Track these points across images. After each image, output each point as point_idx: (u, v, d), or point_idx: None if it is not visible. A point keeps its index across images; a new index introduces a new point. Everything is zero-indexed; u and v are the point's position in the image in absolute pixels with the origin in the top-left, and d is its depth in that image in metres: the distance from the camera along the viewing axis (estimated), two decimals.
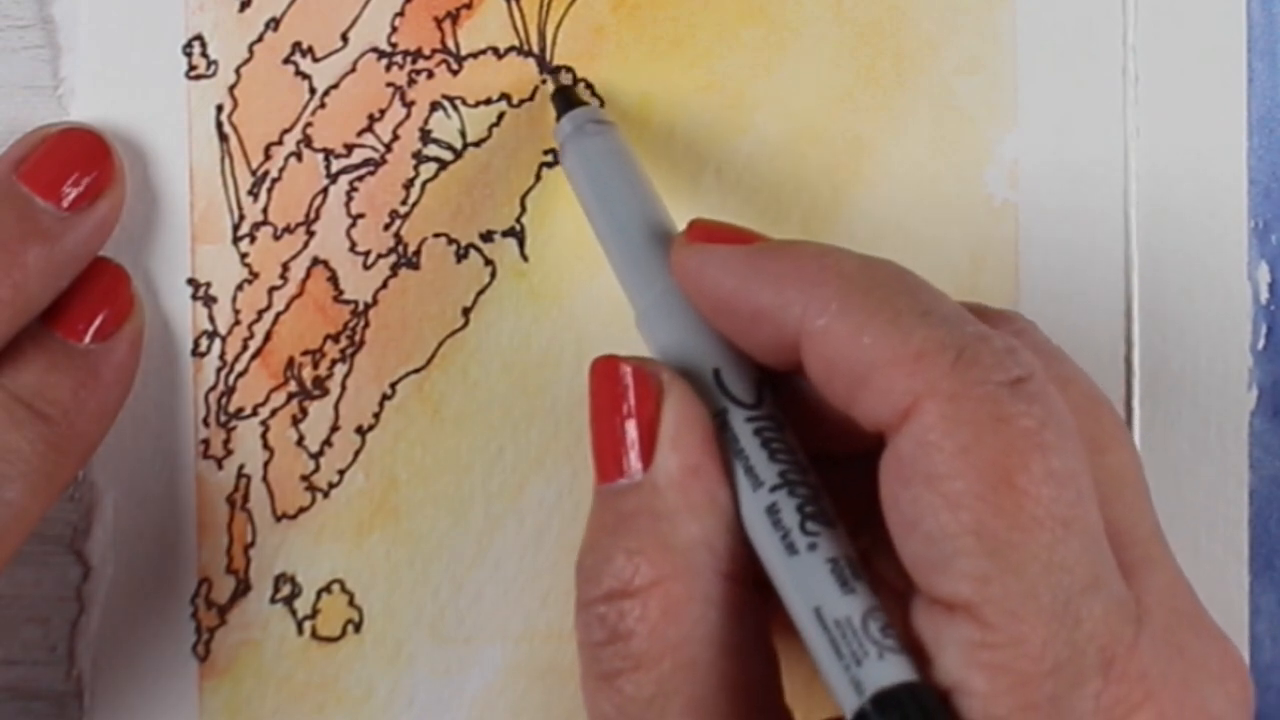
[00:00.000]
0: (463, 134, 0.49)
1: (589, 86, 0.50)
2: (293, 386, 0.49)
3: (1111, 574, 0.39)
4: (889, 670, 0.39)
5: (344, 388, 0.49)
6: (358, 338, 0.49)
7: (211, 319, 0.49)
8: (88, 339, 0.46)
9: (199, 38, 0.48)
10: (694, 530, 0.41)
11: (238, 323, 0.49)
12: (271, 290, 0.49)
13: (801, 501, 0.40)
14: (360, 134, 0.49)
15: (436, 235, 0.49)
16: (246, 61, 0.49)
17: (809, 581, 0.40)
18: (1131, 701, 0.39)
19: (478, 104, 0.49)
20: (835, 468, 0.42)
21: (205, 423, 0.49)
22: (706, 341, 0.43)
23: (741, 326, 0.42)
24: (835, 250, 0.42)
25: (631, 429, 0.42)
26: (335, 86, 0.49)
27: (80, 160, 0.46)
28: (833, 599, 0.39)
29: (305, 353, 0.49)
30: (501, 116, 0.49)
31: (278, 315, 0.49)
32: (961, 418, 0.39)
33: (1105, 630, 0.39)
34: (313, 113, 0.49)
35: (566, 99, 0.48)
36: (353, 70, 0.49)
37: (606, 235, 0.46)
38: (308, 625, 0.50)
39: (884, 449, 0.40)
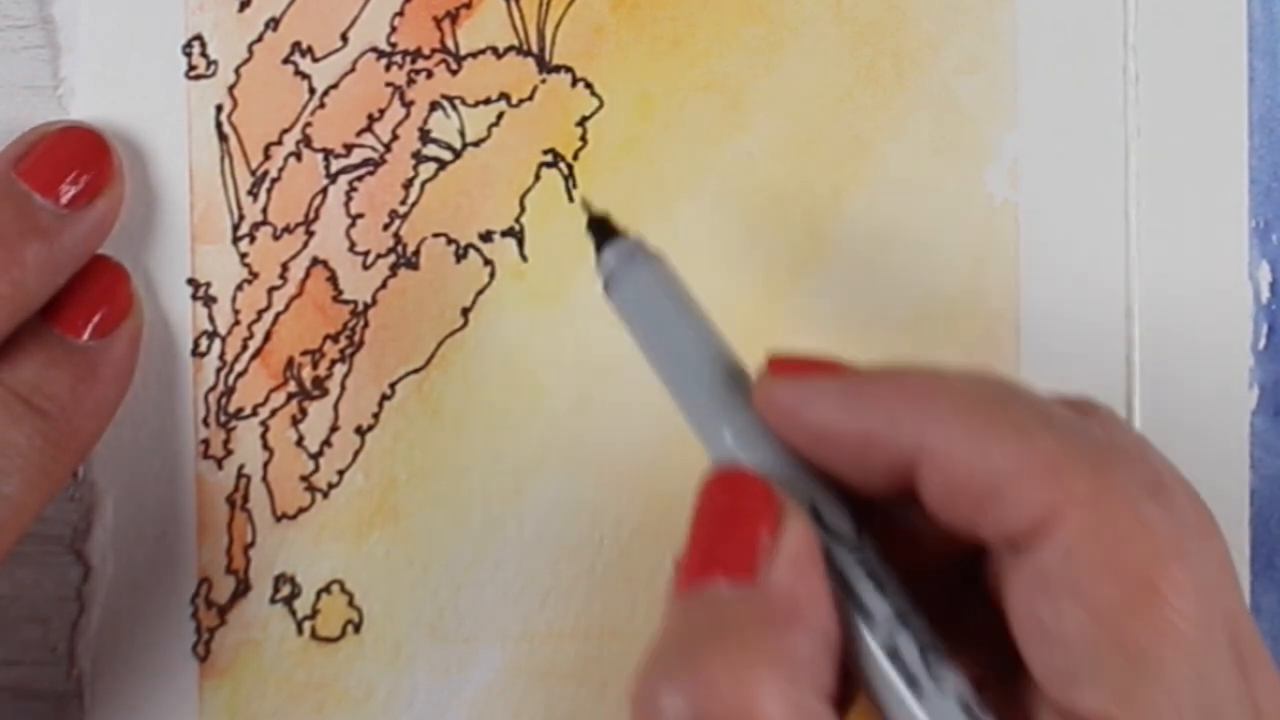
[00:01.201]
0: (462, 134, 0.49)
1: (588, 86, 0.50)
2: (292, 386, 0.49)
3: (1240, 679, 0.39)
4: None
5: (343, 388, 0.49)
6: (357, 338, 0.49)
7: (211, 319, 0.49)
8: (86, 336, 0.47)
9: (199, 38, 0.48)
10: (803, 648, 0.39)
11: (237, 323, 0.49)
12: (271, 290, 0.49)
13: (920, 639, 0.40)
14: (360, 134, 0.49)
15: (436, 235, 0.49)
16: (246, 61, 0.49)
17: None
18: None
19: (477, 104, 0.49)
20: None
21: (205, 423, 0.49)
22: (799, 477, 0.42)
23: (846, 456, 0.41)
24: (937, 370, 0.41)
25: (752, 537, 0.40)
26: (335, 86, 0.49)
27: (79, 158, 0.46)
28: None
29: (305, 353, 0.49)
30: (501, 116, 0.49)
31: (277, 315, 0.49)
32: (1105, 527, 0.38)
33: None
34: (312, 113, 0.49)
35: (603, 228, 0.45)
36: (352, 70, 0.49)
37: (673, 376, 0.44)
38: (308, 625, 0.50)
39: (996, 559, 0.40)
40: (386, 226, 0.49)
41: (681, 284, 0.44)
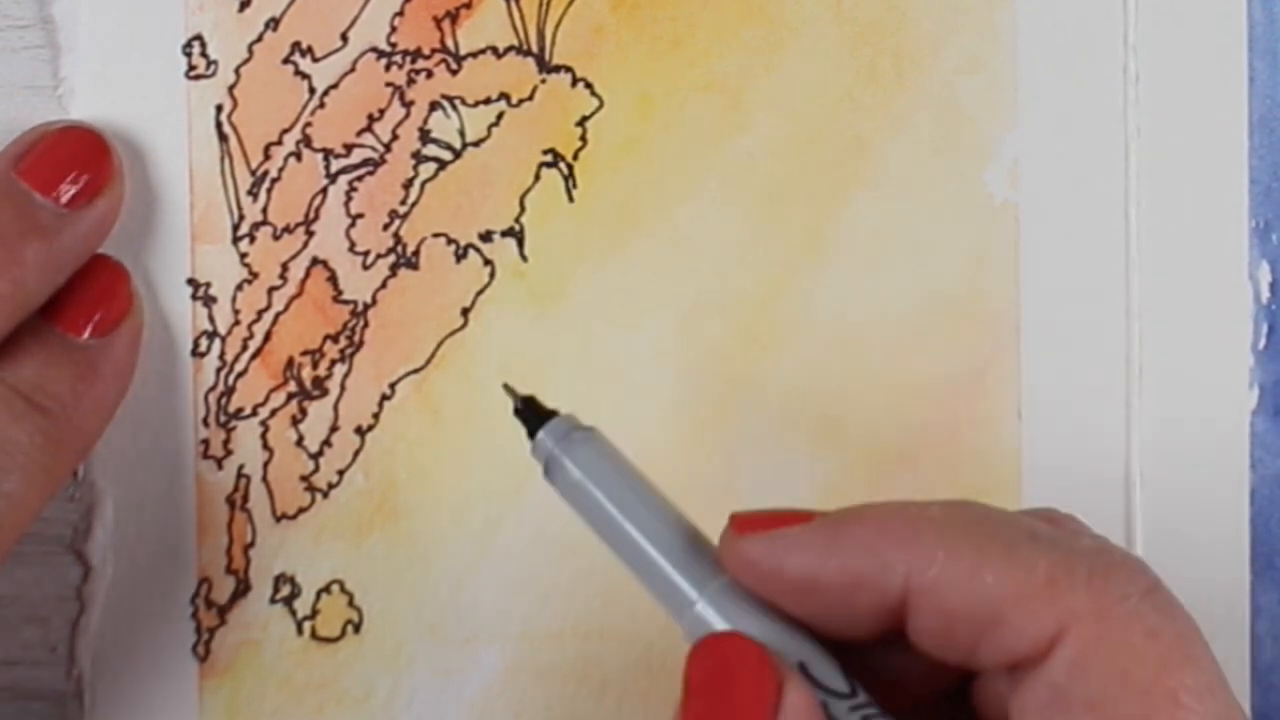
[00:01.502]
0: (462, 134, 0.49)
1: (588, 86, 0.50)
2: (292, 386, 0.49)
3: None
4: None
5: (343, 388, 0.49)
6: (357, 338, 0.49)
7: (211, 319, 0.49)
8: (87, 334, 0.47)
9: (199, 38, 0.48)
10: None
11: (237, 323, 0.49)
12: (271, 290, 0.49)
13: None
14: (360, 134, 0.49)
15: (436, 235, 0.49)
16: (246, 61, 0.49)
17: None
18: None
19: (477, 104, 0.49)
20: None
21: (205, 423, 0.49)
22: (783, 635, 0.41)
23: (831, 604, 0.41)
24: (913, 503, 0.41)
25: (753, 708, 0.39)
26: (335, 86, 0.49)
27: (79, 158, 0.46)
28: None
29: (305, 353, 0.49)
30: (501, 116, 0.49)
31: (277, 315, 0.49)
32: (1113, 639, 0.39)
33: None
34: (312, 113, 0.49)
35: (533, 411, 0.44)
36: (352, 70, 0.49)
37: (631, 554, 0.42)
38: (307, 625, 0.50)
39: (990, 683, 0.40)
40: (386, 226, 0.49)
41: (622, 456, 0.43)
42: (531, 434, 0.44)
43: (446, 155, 0.49)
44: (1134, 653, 0.38)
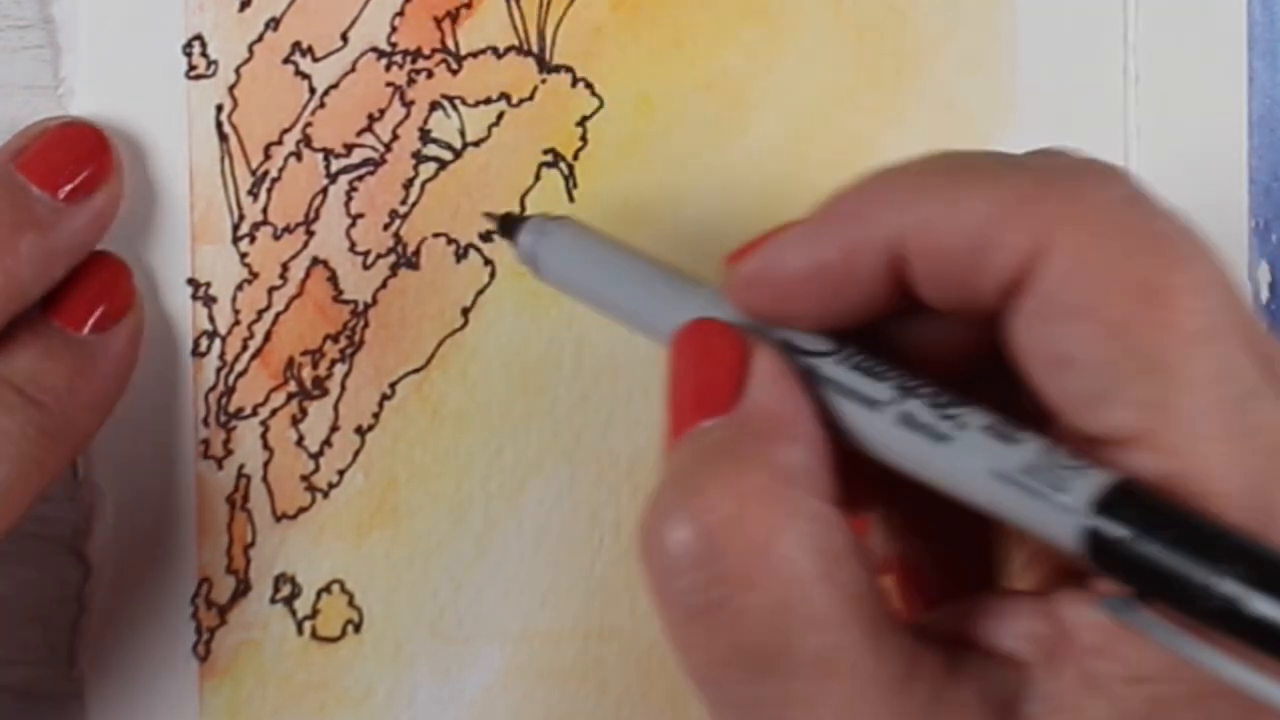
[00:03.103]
0: (462, 134, 0.49)
1: (589, 86, 0.50)
2: (292, 386, 0.49)
3: (1265, 375, 0.38)
4: (1096, 481, 0.37)
5: (344, 388, 0.49)
6: (357, 338, 0.49)
7: (211, 319, 0.49)
8: (87, 329, 0.47)
9: (199, 38, 0.48)
10: (794, 456, 0.39)
11: (238, 323, 0.49)
12: (271, 290, 0.49)
13: (929, 398, 0.39)
14: (360, 134, 0.49)
15: (436, 235, 0.49)
16: (246, 61, 0.49)
17: (975, 455, 0.38)
18: None
19: (477, 104, 0.49)
20: None
21: (205, 423, 0.49)
22: (767, 328, 0.42)
23: (837, 285, 0.41)
24: (891, 165, 0.41)
25: (724, 372, 0.40)
26: (335, 86, 0.49)
27: (79, 152, 0.46)
28: (1006, 455, 0.38)
29: (305, 353, 0.49)
30: (501, 116, 0.49)
31: (277, 315, 0.49)
32: (1098, 239, 0.38)
33: None
34: (312, 112, 0.49)
35: (513, 222, 0.46)
36: (352, 70, 0.49)
37: (627, 306, 0.44)
38: (308, 625, 0.50)
39: (1005, 323, 0.39)
40: (387, 226, 0.49)
41: (599, 233, 0.45)
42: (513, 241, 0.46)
43: (447, 155, 0.49)
44: (1119, 254, 0.38)
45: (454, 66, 0.49)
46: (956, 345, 0.42)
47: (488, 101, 0.49)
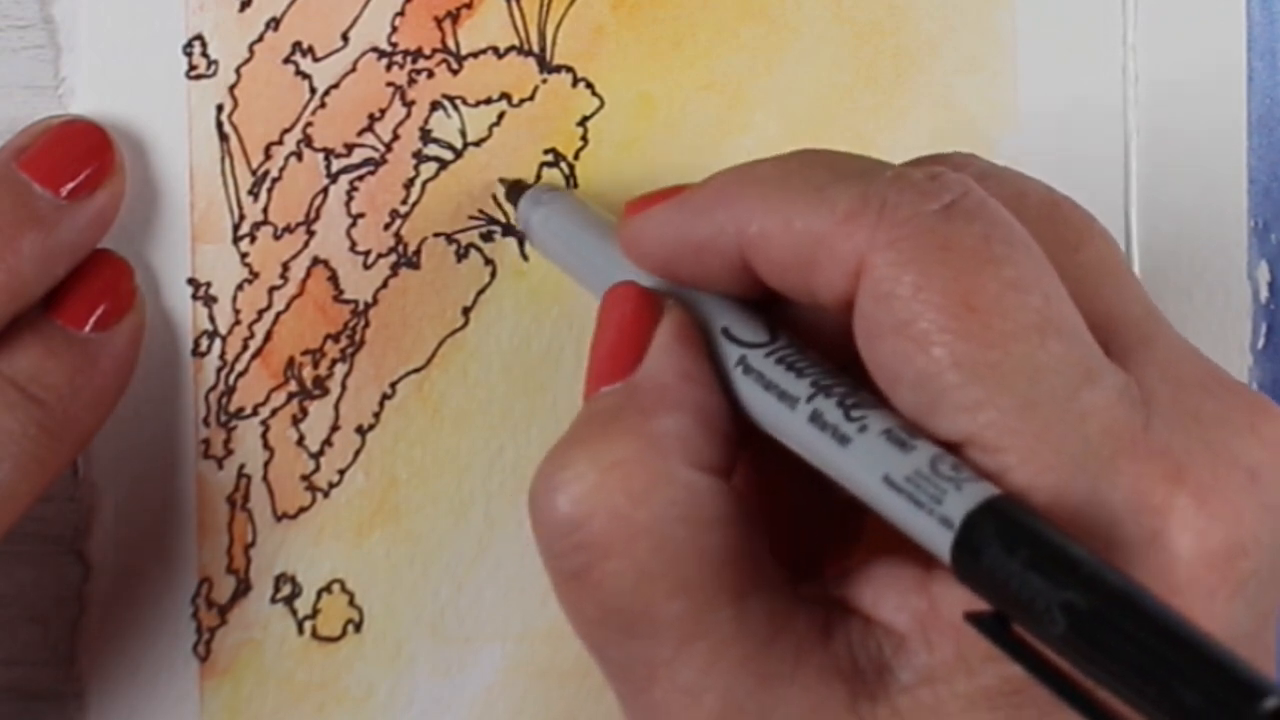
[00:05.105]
0: (463, 133, 0.49)
1: (589, 86, 0.50)
2: (293, 386, 0.49)
3: (1103, 365, 0.39)
4: (970, 496, 0.38)
5: (344, 387, 0.49)
6: (358, 337, 0.49)
7: (212, 319, 0.49)
8: (88, 328, 0.47)
9: (199, 37, 0.48)
10: (667, 423, 0.41)
11: (238, 322, 0.49)
12: (272, 290, 0.49)
13: (840, 398, 0.40)
14: (360, 134, 0.49)
15: (436, 235, 0.49)
16: (247, 61, 0.49)
17: (870, 458, 0.39)
18: (1162, 480, 0.38)
19: (478, 104, 0.49)
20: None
21: (205, 423, 0.49)
22: (701, 300, 0.43)
23: (698, 271, 0.42)
24: (751, 163, 0.42)
25: (629, 338, 0.42)
26: (335, 86, 0.49)
27: (81, 151, 0.47)
28: (897, 461, 0.39)
29: (305, 352, 0.49)
30: (501, 116, 0.49)
31: (278, 315, 0.49)
32: (906, 259, 0.39)
33: (1112, 419, 0.38)
34: (313, 112, 0.49)
35: (520, 188, 0.49)
36: (353, 70, 0.49)
37: (592, 277, 0.46)
38: (308, 625, 0.50)
39: (850, 321, 0.40)
40: (387, 226, 0.49)
41: (593, 208, 0.47)
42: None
43: (447, 155, 0.49)
44: (926, 268, 0.39)
45: (454, 66, 0.49)
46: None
47: (488, 101, 0.49)
